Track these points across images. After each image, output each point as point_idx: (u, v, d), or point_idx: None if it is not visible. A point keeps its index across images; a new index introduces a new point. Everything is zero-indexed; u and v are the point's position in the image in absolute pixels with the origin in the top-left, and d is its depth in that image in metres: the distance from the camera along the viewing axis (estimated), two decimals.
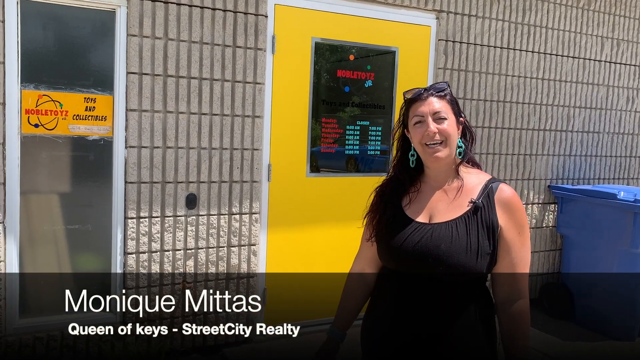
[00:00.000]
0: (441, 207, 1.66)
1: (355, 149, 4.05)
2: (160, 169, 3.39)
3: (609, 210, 4.30)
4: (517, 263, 1.61)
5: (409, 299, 1.63)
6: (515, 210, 1.62)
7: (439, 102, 1.65)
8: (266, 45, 3.61)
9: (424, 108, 1.64)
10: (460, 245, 1.57)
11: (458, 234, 1.58)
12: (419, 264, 1.60)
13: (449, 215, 1.63)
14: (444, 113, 1.63)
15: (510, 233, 1.60)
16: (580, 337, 4.32)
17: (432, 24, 4.18)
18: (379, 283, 1.78)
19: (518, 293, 1.62)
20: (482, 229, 1.59)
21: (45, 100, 3.12)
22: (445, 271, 1.57)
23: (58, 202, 3.24)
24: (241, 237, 3.66)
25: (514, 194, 1.64)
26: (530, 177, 4.75)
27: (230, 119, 3.54)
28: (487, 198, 1.62)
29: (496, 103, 4.50)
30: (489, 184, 1.64)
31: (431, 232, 1.61)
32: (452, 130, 1.64)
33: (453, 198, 1.66)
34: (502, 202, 1.61)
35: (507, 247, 1.60)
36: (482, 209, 1.60)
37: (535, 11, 4.58)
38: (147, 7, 3.25)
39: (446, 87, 1.69)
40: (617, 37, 5.04)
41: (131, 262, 3.37)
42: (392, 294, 1.69)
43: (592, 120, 5.02)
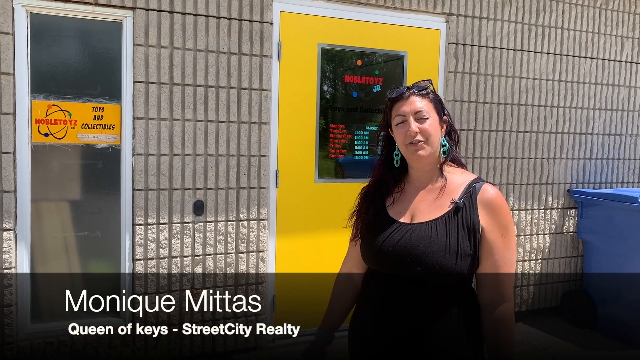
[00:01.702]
0: (423, 207, 1.64)
1: (364, 154, 4.02)
2: (168, 176, 3.43)
3: (632, 214, 4.15)
4: (501, 265, 1.56)
5: (391, 300, 1.61)
6: (498, 210, 1.58)
7: (421, 101, 1.63)
8: (272, 52, 3.63)
9: (406, 107, 1.63)
10: (439, 246, 1.54)
11: (437, 234, 1.56)
12: (398, 264, 1.58)
13: (430, 216, 1.61)
14: (426, 112, 1.62)
15: (493, 234, 1.56)
16: (602, 346, 4.17)
17: (441, 28, 4.14)
18: (364, 284, 1.77)
19: (502, 296, 1.57)
20: (462, 230, 1.56)
21: (54, 110, 3.20)
22: (424, 271, 1.54)
23: (68, 209, 3.31)
24: (249, 244, 3.67)
25: (498, 194, 1.60)
26: (548, 182, 4.63)
27: (236, 125, 3.57)
28: (469, 198, 1.59)
29: (510, 106, 4.41)
30: (472, 184, 1.61)
31: (411, 232, 1.59)
32: (433, 129, 1.62)
33: (435, 198, 1.63)
34: (484, 202, 1.58)
35: (489, 249, 1.56)
36: (464, 209, 1.57)
37: (549, 12, 4.49)
38: (153, 17, 3.31)
39: (428, 86, 1.68)
40: (638, 37, 4.90)
41: (139, 269, 3.41)
42: (376, 295, 1.67)
43: (614, 122, 4.88)
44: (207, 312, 3.61)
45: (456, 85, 4.20)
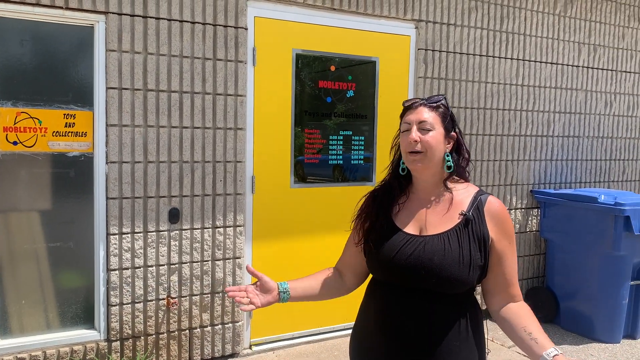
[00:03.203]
0: (431, 219, 1.66)
1: (339, 159, 4.05)
2: (142, 183, 3.36)
3: (591, 213, 4.34)
4: (510, 272, 1.63)
5: (398, 309, 1.62)
6: (504, 221, 1.64)
7: (429, 112, 1.64)
8: (247, 57, 3.61)
9: (412, 116, 1.64)
10: (453, 258, 1.57)
11: (450, 246, 1.58)
12: (412, 276, 1.59)
13: (441, 228, 1.63)
14: (430, 124, 1.62)
15: (502, 244, 1.62)
16: (566, 340, 4.35)
17: (411, 34, 4.22)
18: (368, 293, 1.77)
19: (514, 297, 1.65)
20: (473, 242, 1.59)
21: (23, 117, 3.09)
22: (438, 283, 1.57)
23: (39, 219, 3.20)
24: (226, 251, 3.64)
25: (502, 205, 1.67)
26: (512, 183, 4.79)
27: (212, 131, 3.53)
28: (477, 210, 1.63)
29: (477, 110, 4.54)
30: (477, 196, 1.65)
31: (424, 245, 1.60)
32: (434, 142, 1.62)
33: (443, 211, 1.66)
34: (491, 214, 1.63)
35: (499, 258, 1.62)
36: (473, 222, 1.61)
37: (512, 19, 4.64)
38: (126, 21, 3.24)
39: (441, 100, 1.68)
40: (594, 43, 5.12)
41: (114, 279, 3.34)
42: (381, 304, 1.67)
43: (572, 125, 5.09)
44: (184, 321, 3.56)
45: (425, 90, 4.28)
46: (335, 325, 4.14)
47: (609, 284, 4.27)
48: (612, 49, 5.24)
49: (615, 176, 5.44)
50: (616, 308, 4.28)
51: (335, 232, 4.07)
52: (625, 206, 4.10)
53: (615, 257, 4.21)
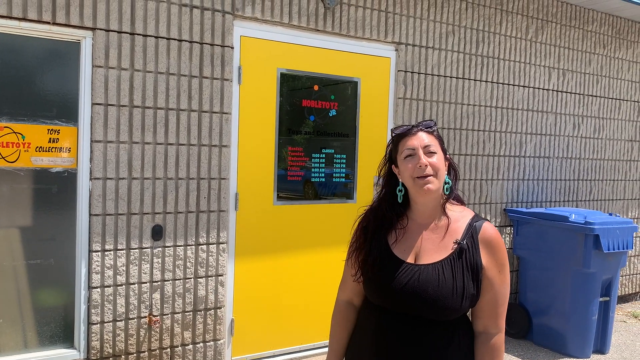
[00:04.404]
0: (427, 246, 1.68)
1: (321, 176, 4.10)
2: (126, 200, 3.34)
3: (562, 232, 4.49)
4: (497, 300, 1.65)
5: (392, 333, 1.65)
6: (497, 249, 1.66)
7: (428, 137, 1.68)
8: (232, 75, 3.64)
9: (415, 142, 1.66)
10: (447, 289, 1.59)
11: (445, 277, 1.61)
12: (407, 305, 1.62)
13: (435, 257, 1.65)
14: (434, 147, 1.66)
15: (492, 272, 1.64)
16: (538, 355, 4.47)
17: (391, 56, 4.33)
18: (362, 314, 1.80)
19: (497, 327, 1.67)
20: (467, 271, 1.62)
21: (6, 132, 3.04)
22: (432, 312, 1.60)
23: (19, 236, 3.14)
24: (208, 268, 3.64)
25: (497, 233, 1.69)
26: (487, 201, 4.92)
27: (197, 148, 3.54)
28: (471, 239, 1.65)
29: (453, 131, 4.67)
30: (472, 222, 1.68)
31: (419, 274, 1.62)
32: (441, 164, 1.67)
33: (439, 238, 1.68)
34: (485, 241, 1.65)
35: (489, 285, 1.64)
36: (467, 251, 1.63)
37: (487, 43, 4.81)
38: (113, 38, 3.24)
39: (434, 125, 1.73)
40: (563, 68, 5.34)
41: (96, 297, 3.29)
42: (376, 327, 1.70)
43: (543, 146, 5.27)
44: (165, 339, 3.53)
45: (405, 110, 4.39)
46: (315, 343, 4.15)
47: (580, 300, 4.41)
48: (579, 74, 5.47)
49: (583, 195, 5.64)
50: (586, 324, 4.42)
51: (317, 248, 4.11)
52: (595, 225, 4.26)
53: (585, 274, 4.36)
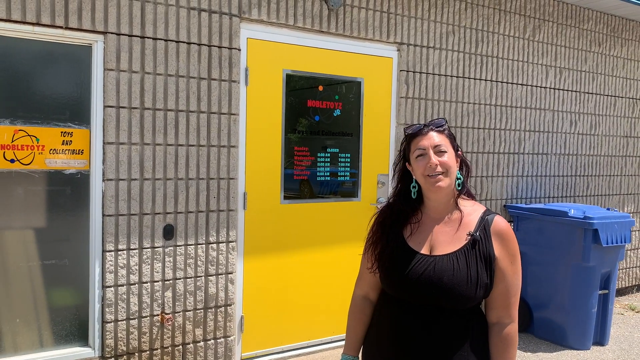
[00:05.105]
0: (441, 238, 1.76)
1: (326, 175, 4.18)
2: (138, 200, 3.40)
3: (561, 227, 4.59)
4: (509, 290, 1.73)
5: (408, 323, 1.73)
6: (508, 241, 1.74)
7: (439, 136, 1.76)
8: (239, 77, 3.71)
9: (425, 142, 1.74)
10: (461, 278, 1.67)
11: (459, 266, 1.68)
12: (422, 294, 1.70)
13: (450, 248, 1.73)
14: (444, 146, 1.74)
15: (504, 262, 1.72)
16: (540, 348, 4.57)
17: (394, 56, 4.41)
18: (379, 306, 1.87)
19: (509, 317, 1.75)
20: (480, 261, 1.70)
21: (21, 135, 3.09)
22: (447, 301, 1.68)
23: (34, 237, 3.19)
24: (218, 266, 3.70)
25: (508, 225, 1.77)
26: (487, 198, 5.02)
27: (206, 149, 3.61)
28: (483, 231, 1.73)
29: (454, 129, 4.75)
30: (484, 216, 1.76)
31: (434, 265, 1.70)
32: (452, 162, 1.75)
33: (452, 231, 1.76)
34: (497, 233, 1.73)
35: (501, 275, 1.72)
36: (480, 242, 1.71)
37: (486, 42, 4.90)
38: (124, 41, 3.30)
39: (444, 123, 1.81)
40: (560, 66, 5.44)
41: (109, 296, 3.35)
42: (393, 318, 1.77)
43: (541, 143, 5.37)
44: (177, 336, 3.60)
45: (407, 109, 4.47)
46: (323, 338, 4.23)
47: (579, 293, 4.51)
48: (576, 72, 5.58)
49: (580, 191, 5.75)
50: (586, 316, 4.52)
51: (323, 246, 4.18)
52: (594, 220, 4.36)
53: (584, 268, 4.46)
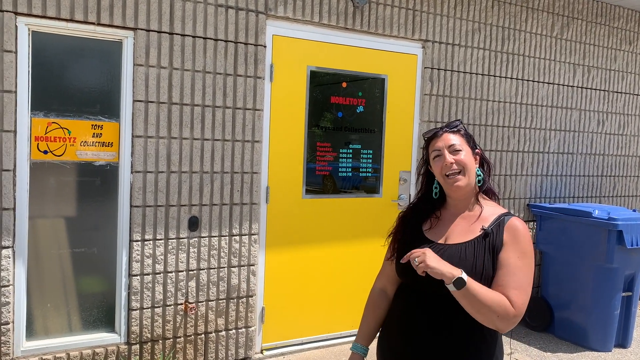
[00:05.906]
0: (456, 229, 1.82)
1: (348, 171, 4.23)
2: (165, 192, 3.50)
3: (585, 227, 4.56)
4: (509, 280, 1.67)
5: (417, 310, 1.78)
6: (520, 236, 1.74)
7: (454, 136, 1.83)
8: (265, 73, 3.78)
9: (440, 143, 1.83)
10: (465, 267, 1.70)
11: (466, 255, 1.73)
12: (427, 279, 1.72)
13: (461, 238, 1.79)
14: (459, 145, 1.81)
15: (508, 253, 1.71)
16: (560, 348, 4.55)
17: (418, 53, 4.42)
18: (396, 297, 1.94)
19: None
20: (488, 254, 1.73)
21: (54, 127, 3.22)
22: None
23: (65, 226, 3.32)
24: (241, 258, 3.79)
25: (524, 225, 1.77)
26: (511, 197, 5.00)
27: (231, 144, 3.69)
28: (497, 227, 1.77)
29: (479, 127, 4.75)
30: (502, 216, 1.80)
31: (443, 252, 1.76)
32: (468, 160, 1.80)
33: (468, 224, 1.82)
34: (510, 229, 1.75)
35: (500, 263, 1.70)
36: (492, 235, 1.75)
37: (513, 40, 4.87)
38: (153, 37, 3.39)
39: (459, 124, 1.87)
40: (588, 64, 5.37)
41: (136, 284, 3.46)
42: (403, 305, 1.84)
43: (567, 142, 5.32)
44: (200, 325, 3.70)
45: (431, 107, 4.48)
46: (342, 332, 4.29)
47: (602, 295, 4.48)
48: (604, 71, 5.50)
49: (606, 192, 5.68)
50: (608, 318, 4.49)
51: (343, 241, 4.24)
52: (619, 221, 4.32)
53: (608, 269, 4.43)
